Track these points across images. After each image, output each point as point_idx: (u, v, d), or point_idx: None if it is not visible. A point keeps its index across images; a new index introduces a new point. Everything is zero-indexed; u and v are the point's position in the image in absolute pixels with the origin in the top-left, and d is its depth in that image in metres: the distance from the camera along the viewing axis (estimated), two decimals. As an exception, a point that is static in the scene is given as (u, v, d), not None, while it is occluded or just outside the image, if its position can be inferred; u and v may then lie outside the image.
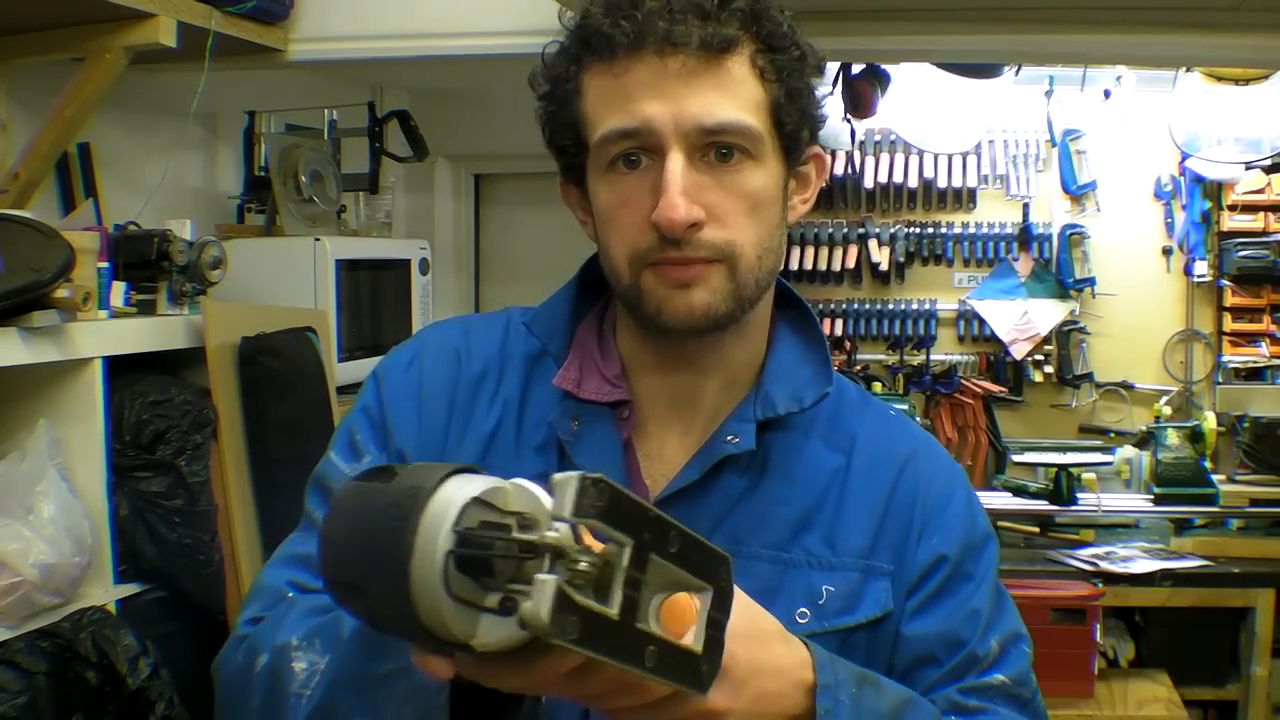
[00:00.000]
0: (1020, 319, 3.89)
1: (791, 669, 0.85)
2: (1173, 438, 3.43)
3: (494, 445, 1.02)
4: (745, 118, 0.92)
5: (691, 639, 0.71)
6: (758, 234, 0.94)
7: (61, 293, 1.82)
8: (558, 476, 0.62)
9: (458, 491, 0.66)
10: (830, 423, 1.04)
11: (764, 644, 0.84)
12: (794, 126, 0.96)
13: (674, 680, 0.69)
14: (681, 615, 0.71)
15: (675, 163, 0.90)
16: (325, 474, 1.06)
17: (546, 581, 0.60)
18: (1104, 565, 3.12)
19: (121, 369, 2.06)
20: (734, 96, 0.92)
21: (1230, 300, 3.81)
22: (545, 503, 0.64)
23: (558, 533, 0.62)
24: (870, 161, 3.94)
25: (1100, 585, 3.03)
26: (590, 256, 1.04)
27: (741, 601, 0.81)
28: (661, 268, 0.93)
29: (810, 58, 0.98)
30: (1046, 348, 3.92)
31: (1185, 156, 3.75)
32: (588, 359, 1.03)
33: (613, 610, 0.63)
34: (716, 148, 0.92)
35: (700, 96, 0.90)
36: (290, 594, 0.99)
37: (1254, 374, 3.81)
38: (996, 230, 3.92)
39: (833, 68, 3.51)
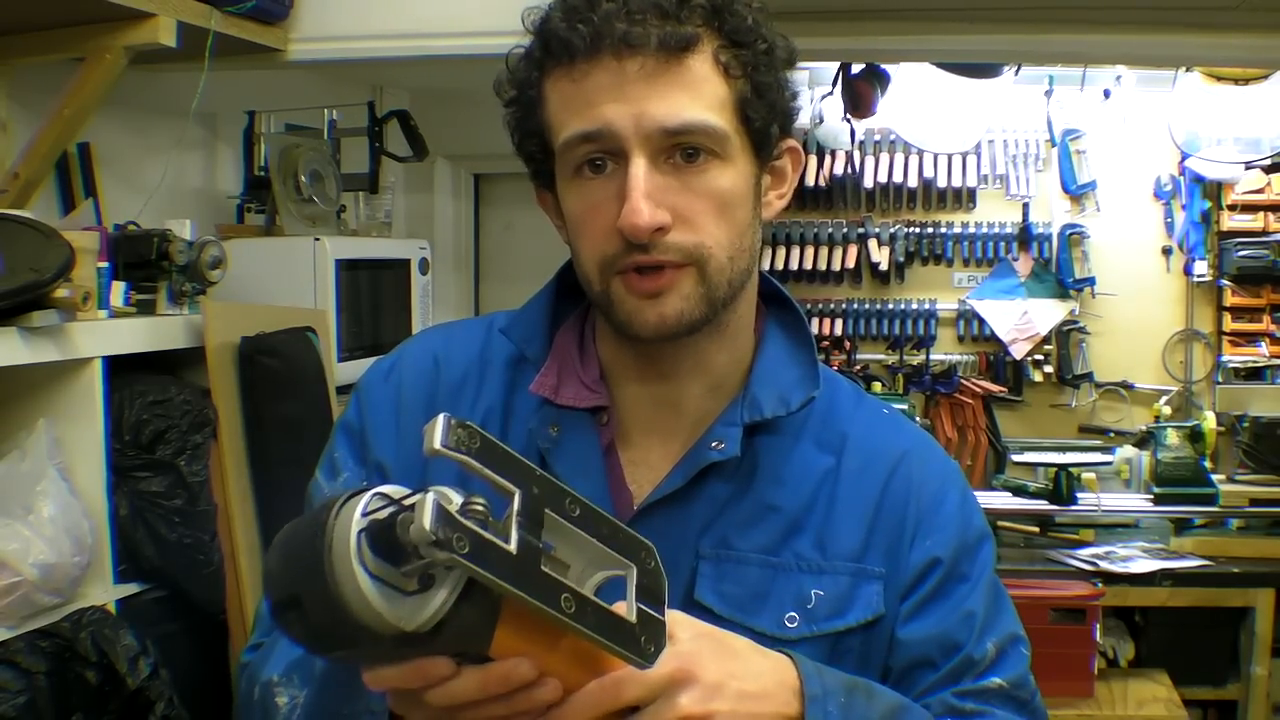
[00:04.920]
0: (1020, 319, 3.89)
1: (773, 671, 0.85)
2: (1173, 438, 3.43)
3: None
4: (709, 117, 0.90)
5: (626, 612, 0.72)
6: (727, 235, 0.93)
7: (61, 292, 1.82)
8: (427, 423, 0.66)
9: (365, 494, 0.69)
10: (822, 423, 1.02)
11: (735, 654, 0.84)
12: (762, 123, 0.94)
13: (608, 639, 0.70)
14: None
15: (638, 167, 0.89)
16: (310, 494, 1.06)
17: (424, 498, 0.63)
18: (1104, 565, 3.12)
19: (121, 369, 2.06)
20: (697, 96, 0.90)
21: (1230, 300, 3.82)
22: (447, 491, 0.67)
23: (450, 494, 0.65)
24: (870, 161, 3.94)
25: (1100, 585, 3.03)
26: (567, 261, 1.03)
27: (705, 626, 0.83)
28: (629, 278, 0.92)
29: (779, 50, 0.95)
30: (1046, 347, 3.92)
31: (1185, 156, 3.75)
32: (566, 364, 1.01)
33: (509, 546, 0.65)
34: (681, 149, 0.90)
35: (661, 98, 0.89)
36: None
37: (1254, 374, 3.82)
38: (996, 230, 3.92)
39: (832, 68, 3.52)
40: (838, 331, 3.97)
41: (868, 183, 3.95)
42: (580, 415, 0.99)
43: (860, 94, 3.49)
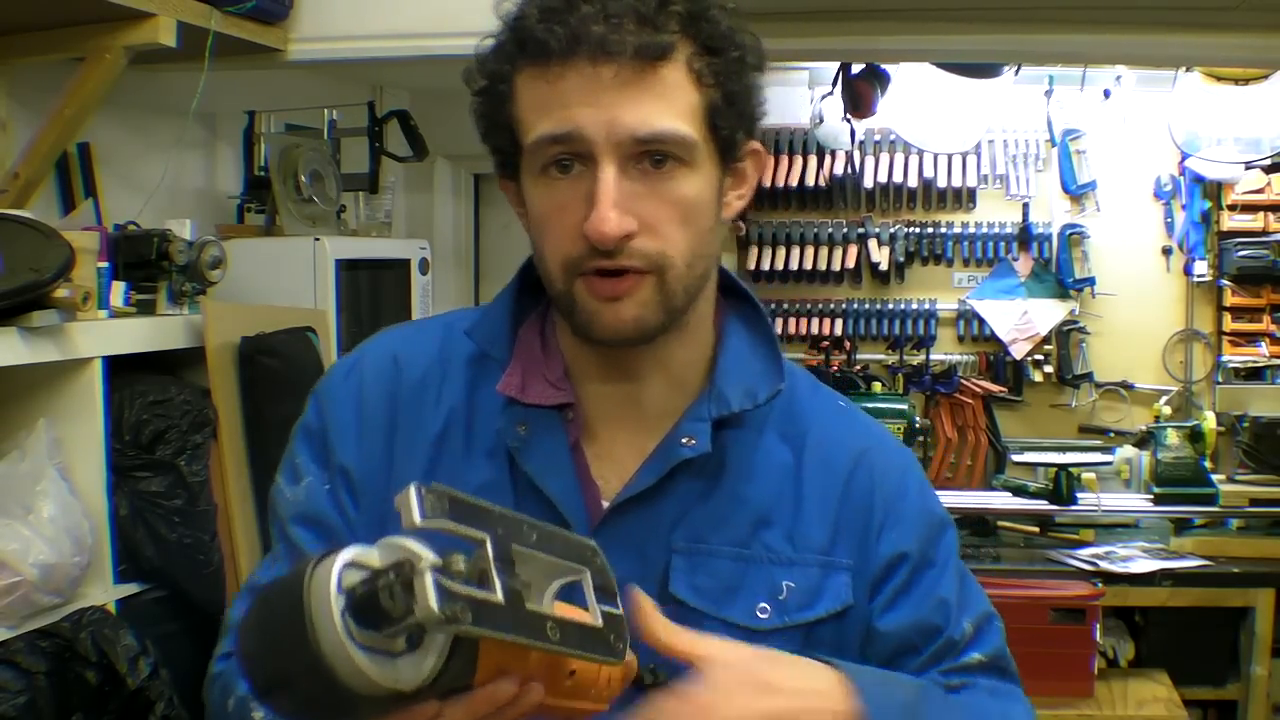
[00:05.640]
0: (1020, 319, 3.89)
1: (822, 674, 0.89)
2: (1173, 437, 3.43)
3: (442, 452, 1.01)
4: (679, 126, 0.91)
5: (590, 618, 0.76)
6: (688, 243, 0.93)
7: (61, 292, 1.82)
8: (398, 496, 0.67)
9: (333, 565, 0.69)
10: (783, 416, 1.04)
11: (774, 660, 0.88)
12: (730, 130, 0.95)
13: (589, 651, 0.74)
14: (571, 607, 0.76)
15: (607, 174, 0.89)
16: (274, 500, 1.06)
17: (424, 579, 0.64)
18: (1104, 565, 3.12)
19: (121, 369, 2.06)
20: (669, 104, 0.90)
21: (1230, 300, 3.82)
22: (410, 544, 0.68)
23: (430, 559, 0.66)
24: (870, 161, 3.94)
25: (1100, 585, 3.03)
26: (529, 258, 1.03)
27: (743, 656, 0.87)
28: (591, 280, 0.92)
29: (750, 56, 0.95)
30: (1046, 347, 3.92)
31: (1185, 156, 3.75)
32: (530, 362, 1.02)
33: (497, 596, 0.68)
34: (650, 155, 0.91)
35: (634, 105, 0.89)
36: None
37: (1254, 374, 3.82)
38: (996, 230, 3.92)
39: (833, 68, 3.52)
40: (838, 331, 3.97)
41: (868, 183, 3.95)
42: (547, 413, 1.00)
43: (860, 94, 3.49)
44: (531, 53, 0.91)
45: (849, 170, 3.92)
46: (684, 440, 0.98)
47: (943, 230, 3.94)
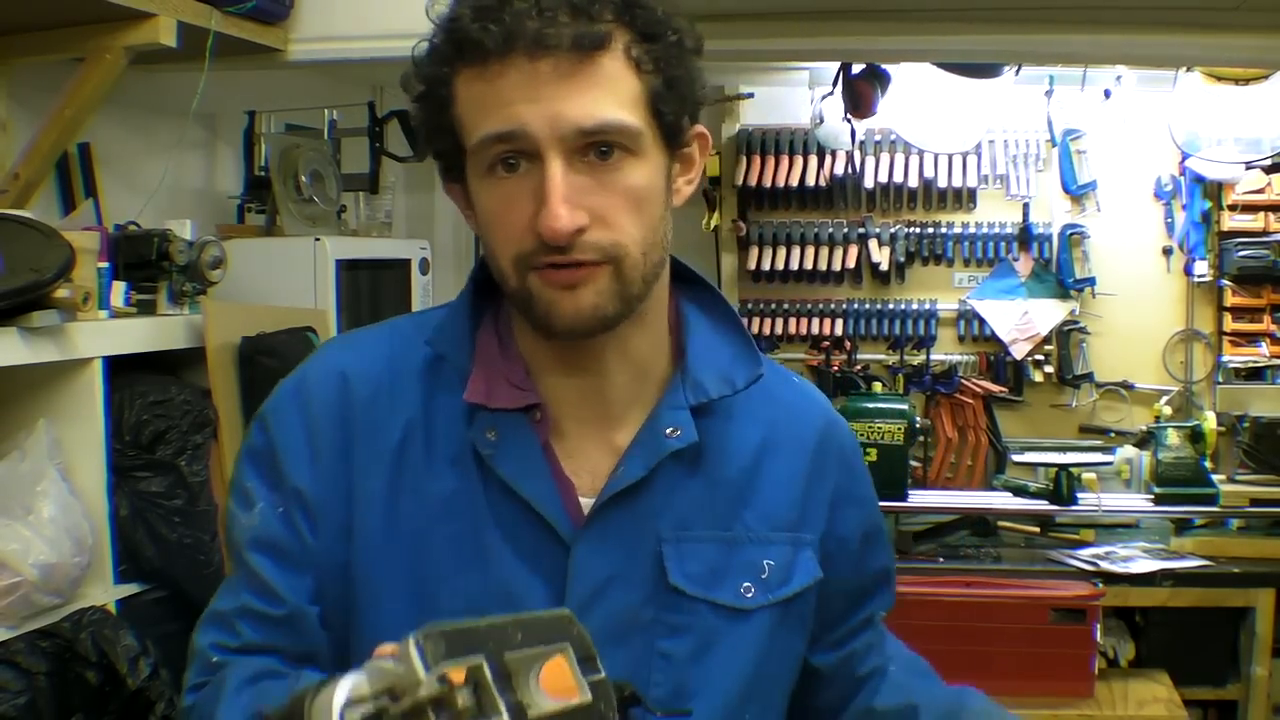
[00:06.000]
0: (1020, 319, 3.89)
1: None
2: (1173, 438, 3.43)
3: (403, 463, 1.00)
4: (623, 115, 0.91)
5: (579, 694, 0.76)
6: (641, 232, 0.94)
7: (61, 293, 1.82)
8: (399, 648, 0.69)
9: (332, 706, 0.70)
10: (750, 396, 1.05)
11: None
12: (674, 116, 0.95)
13: None
14: (558, 678, 0.76)
15: (554, 169, 0.89)
16: (228, 526, 1.04)
17: None
18: (1104, 565, 3.12)
19: (121, 369, 2.06)
20: (610, 94, 0.90)
21: (1230, 300, 3.81)
22: (398, 667, 0.69)
23: (428, 687, 0.67)
24: (870, 161, 3.94)
25: (1100, 585, 3.03)
26: (479, 261, 1.03)
27: None
28: (545, 271, 0.92)
29: (688, 40, 0.96)
30: (1046, 348, 3.91)
31: (1185, 156, 3.74)
32: (492, 366, 1.01)
33: None
34: (596, 146, 0.91)
35: (576, 97, 0.89)
36: (215, 658, 0.99)
37: (1254, 374, 3.81)
38: (996, 230, 3.91)
39: (833, 68, 3.52)
40: (838, 331, 3.97)
41: (868, 183, 3.94)
42: (515, 416, 0.99)
43: (860, 94, 3.49)
44: (469, 53, 0.91)
45: (849, 170, 3.92)
46: (668, 431, 0.99)
47: (943, 230, 3.94)
